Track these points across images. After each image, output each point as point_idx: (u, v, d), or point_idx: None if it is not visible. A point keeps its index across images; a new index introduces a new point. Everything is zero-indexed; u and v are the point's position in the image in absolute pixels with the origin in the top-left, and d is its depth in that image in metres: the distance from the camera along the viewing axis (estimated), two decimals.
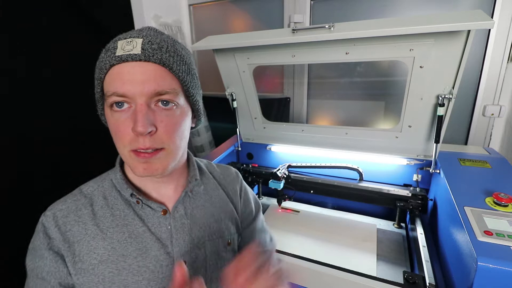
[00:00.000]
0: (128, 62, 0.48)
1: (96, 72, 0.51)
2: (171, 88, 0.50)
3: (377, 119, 1.61)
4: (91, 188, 0.59)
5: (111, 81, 0.48)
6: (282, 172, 1.21)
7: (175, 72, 0.51)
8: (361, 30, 0.85)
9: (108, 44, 0.51)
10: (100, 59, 0.50)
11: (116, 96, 0.47)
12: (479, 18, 0.75)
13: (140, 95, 0.47)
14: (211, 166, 0.73)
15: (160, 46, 0.50)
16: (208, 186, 0.66)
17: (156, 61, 0.49)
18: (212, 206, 0.65)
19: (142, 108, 0.47)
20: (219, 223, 0.64)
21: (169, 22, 1.77)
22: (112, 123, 0.50)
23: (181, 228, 0.58)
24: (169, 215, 0.58)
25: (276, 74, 1.80)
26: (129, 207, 0.56)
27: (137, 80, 0.47)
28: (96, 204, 0.56)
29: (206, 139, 1.94)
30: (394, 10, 1.43)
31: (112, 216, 0.55)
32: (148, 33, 0.51)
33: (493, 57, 1.30)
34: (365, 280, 0.73)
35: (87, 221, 0.54)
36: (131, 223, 0.55)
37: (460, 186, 0.83)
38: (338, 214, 1.25)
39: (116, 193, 0.57)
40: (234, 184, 0.72)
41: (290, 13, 1.63)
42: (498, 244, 0.59)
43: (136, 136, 0.48)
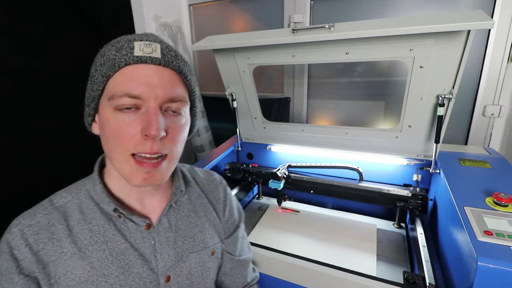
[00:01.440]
0: (147, 64, 0.47)
1: (100, 70, 0.48)
2: (183, 96, 0.51)
3: (377, 119, 1.61)
4: (63, 200, 0.53)
5: (124, 81, 0.46)
6: (282, 172, 1.21)
7: (189, 81, 0.52)
8: (361, 30, 0.85)
9: (116, 43, 0.49)
10: (107, 56, 0.47)
11: (128, 97, 0.46)
12: (479, 18, 0.75)
13: (155, 98, 0.47)
14: (194, 171, 0.71)
15: (177, 54, 0.51)
16: (192, 195, 0.65)
17: (174, 67, 0.50)
18: (196, 215, 0.63)
19: (156, 112, 0.47)
20: (203, 233, 0.62)
21: (169, 22, 1.77)
22: (114, 125, 0.47)
23: (165, 242, 0.55)
24: (153, 229, 0.55)
25: (276, 74, 1.80)
26: (110, 222, 0.52)
27: (154, 83, 0.47)
28: (72, 219, 0.51)
29: (206, 139, 1.94)
30: (394, 10, 1.43)
31: (91, 232, 0.51)
32: (160, 39, 0.51)
33: (493, 57, 1.30)
34: (365, 280, 0.73)
35: (62, 238, 0.49)
36: (111, 240, 0.51)
37: (460, 186, 0.83)
38: (338, 214, 1.25)
39: (94, 206, 0.53)
40: (218, 190, 0.70)
41: (290, 13, 1.63)
42: (498, 244, 0.59)
43: (144, 139, 0.46)
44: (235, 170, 1.33)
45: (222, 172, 1.35)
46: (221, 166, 1.35)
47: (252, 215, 1.28)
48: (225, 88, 1.29)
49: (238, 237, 0.72)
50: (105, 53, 0.48)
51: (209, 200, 0.68)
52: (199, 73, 2.08)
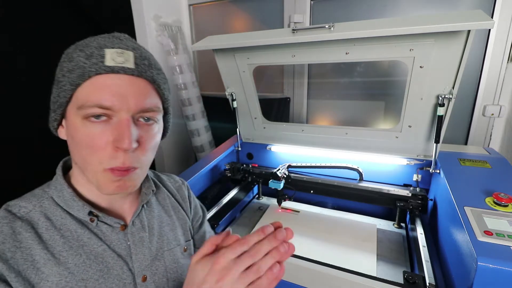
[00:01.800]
0: (118, 74, 0.45)
1: (69, 76, 0.45)
2: (156, 106, 0.50)
3: (377, 119, 1.61)
4: (24, 209, 0.49)
5: (94, 91, 0.44)
6: (282, 172, 1.21)
7: (162, 90, 0.51)
8: (361, 30, 0.85)
9: (86, 48, 0.46)
10: (76, 63, 0.45)
11: (99, 108, 0.44)
12: (479, 18, 0.75)
13: (127, 110, 0.45)
14: (157, 176, 0.72)
15: (150, 63, 0.49)
16: (159, 196, 0.66)
17: (148, 78, 0.48)
18: (166, 215, 0.64)
19: (129, 123, 0.45)
20: (174, 231, 0.64)
21: (169, 22, 1.77)
22: (83, 135, 0.45)
23: (140, 242, 0.55)
24: (127, 230, 0.55)
25: (276, 74, 1.80)
26: (83, 226, 0.50)
27: (126, 94, 0.45)
28: (39, 226, 0.48)
29: (206, 139, 1.94)
30: (394, 10, 1.43)
31: (63, 238, 0.49)
32: (133, 45, 0.49)
33: (493, 57, 1.30)
34: (365, 280, 0.73)
35: (32, 245, 0.46)
36: (87, 243, 0.50)
37: (460, 186, 0.83)
38: (338, 214, 1.25)
39: (63, 213, 0.50)
40: (182, 191, 0.72)
41: (290, 13, 1.63)
42: (498, 244, 0.59)
43: (115, 151, 0.45)
44: (235, 170, 1.33)
45: (222, 172, 1.35)
46: (221, 166, 1.35)
47: (252, 215, 1.28)
48: (225, 88, 1.29)
49: (206, 232, 0.75)
50: (73, 58, 0.46)
51: (176, 199, 0.69)
52: (199, 73, 2.08)
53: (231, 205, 1.22)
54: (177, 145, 1.99)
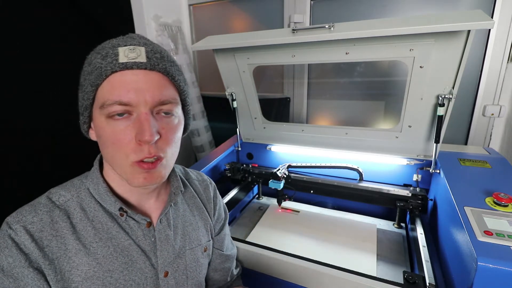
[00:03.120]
0: (132, 70, 0.47)
1: (89, 79, 0.48)
2: (173, 97, 0.51)
3: (377, 119, 1.61)
4: (63, 198, 0.53)
5: (112, 89, 0.46)
6: (282, 172, 1.21)
7: (177, 81, 0.52)
8: (361, 30, 0.85)
9: (101, 50, 0.48)
10: (94, 65, 0.47)
11: (119, 105, 0.46)
12: (479, 18, 0.75)
13: (145, 103, 0.47)
14: (186, 172, 0.73)
15: (162, 56, 0.50)
16: (186, 195, 0.68)
17: (161, 70, 0.49)
18: (191, 214, 0.66)
19: (147, 117, 0.47)
20: (196, 231, 0.66)
21: (169, 22, 1.77)
22: (109, 133, 0.47)
23: (165, 239, 0.58)
24: (153, 227, 0.57)
25: (276, 74, 1.80)
26: (112, 220, 0.53)
27: (142, 89, 0.47)
28: (74, 217, 0.52)
29: (206, 139, 1.94)
30: (394, 10, 1.43)
31: (94, 230, 0.52)
32: (145, 41, 0.50)
33: (493, 57, 1.30)
34: (365, 280, 0.73)
35: (67, 235, 0.49)
36: (115, 237, 0.53)
37: (460, 186, 0.83)
38: (338, 214, 1.25)
39: (96, 205, 0.53)
40: (208, 191, 0.74)
41: (290, 13, 1.63)
42: (498, 244, 0.59)
43: (139, 145, 0.47)
44: (235, 170, 1.33)
45: (222, 172, 1.35)
46: (221, 166, 1.35)
47: (252, 215, 1.28)
48: (225, 88, 1.29)
49: (226, 234, 0.77)
50: (91, 61, 0.48)
51: (201, 199, 0.71)
52: (199, 73, 2.08)
53: (231, 205, 1.23)
54: None
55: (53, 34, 1.46)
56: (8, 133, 1.37)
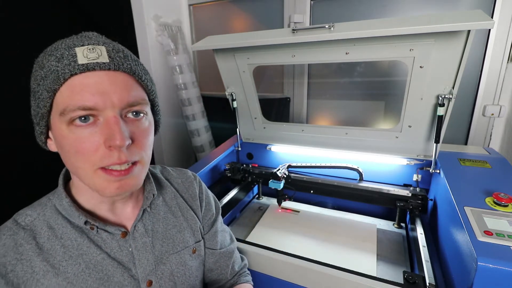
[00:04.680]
0: (95, 72, 0.43)
1: (43, 84, 0.43)
2: (142, 98, 0.48)
3: (377, 119, 1.61)
4: (29, 218, 0.50)
5: (73, 94, 0.42)
6: (282, 172, 1.21)
7: (144, 81, 0.49)
8: (361, 30, 0.85)
9: (54, 51, 0.44)
10: (48, 68, 0.43)
11: (82, 110, 0.42)
12: (479, 18, 0.75)
13: (112, 106, 0.43)
14: (166, 172, 0.70)
15: (126, 55, 0.47)
16: (166, 196, 0.64)
17: (126, 70, 0.46)
18: (173, 216, 0.63)
19: (117, 120, 0.43)
20: (182, 233, 0.62)
21: (169, 22, 1.77)
22: (72, 141, 0.43)
23: (142, 247, 0.55)
24: (129, 236, 0.54)
25: (276, 74, 1.80)
26: (82, 235, 0.50)
27: (107, 91, 0.43)
28: (41, 236, 0.49)
29: (206, 139, 1.94)
30: (394, 10, 1.43)
31: (63, 248, 0.49)
32: (104, 40, 0.47)
33: (493, 57, 1.30)
34: (365, 280, 0.73)
35: (32, 257, 0.47)
36: (86, 252, 0.50)
37: (460, 186, 0.83)
38: (338, 214, 1.25)
39: (64, 221, 0.51)
40: (193, 188, 0.70)
41: (290, 13, 1.63)
42: (498, 244, 0.59)
43: (110, 151, 0.43)
44: (235, 170, 1.33)
45: (222, 172, 1.35)
46: (221, 166, 1.35)
47: (252, 215, 1.28)
48: (225, 88, 1.29)
49: (218, 231, 0.73)
50: (44, 65, 0.44)
51: (185, 199, 0.67)
52: (199, 73, 2.08)
53: (231, 205, 1.22)
54: (177, 145, 1.99)
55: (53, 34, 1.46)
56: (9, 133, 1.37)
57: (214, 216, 0.73)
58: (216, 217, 0.73)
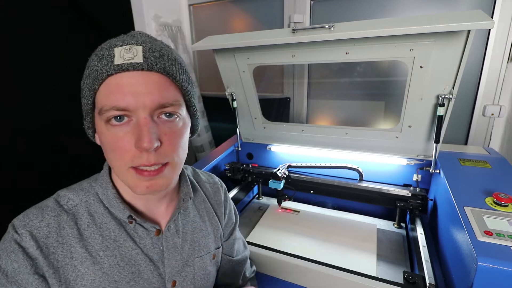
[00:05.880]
0: (129, 72, 0.44)
1: (87, 83, 0.45)
2: (175, 99, 0.47)
3: (377, 119, 1.61)
4: (71, 202, 0.51)
5: (109, 94, 0.44)
6: (282, 172, 1.21)
7: (179, 81, 0.48)
8: (361, 30, 0.85)
9: (99, 51, 0.46)
10: (91, 68, 0.45)
11: (116, 111, 0.43)
12: (479, 18, 0.75)
13: (144, 108, 0.44)
14: (196, 174, 0.70)
15: (162, 54, 0.46)
16: (196, 200, 0.65)
17: (160, 70, 0.45)
18: (201, 220, 0.63)
19: (147, 122, 0.44)
20: (206, 238, 0.63)
21: (169, 22, 1.77)
22: (109, 139, 0.45)
23: (173, 248, 0.56)
24: (162, 235, 0.55)
25: (276, 74, 1.80)
26: (121, 227, 0.51)
27: (140, 92, 0.43)
28: (82, 223, 0.50)
29: (206, 139, 1.94)
30: (394, 10, 1.43)
31: (102, 237, 0.50)
32: (145, 39, 0.47)
33: (493, 57, 1.30)
34: (365, 280, 0.73)
35: (73, 242, 0.47)
36: (123, 245, 0.51)
37: (460, 186, 0.83)
38: (338, 214, 1.25)
39: (104, 211, 0.51)
40: (219, 194, 0.70)
41: (290, 13, 1.63)
42: (498, 244, 0.59)
43: (140, 152, 0.44)
44: (235, 170, 1.33)
45: (222, 172, 1.35)
46: (221, 166, 1.35)
47: (252, 215, 1.28)
48: (225, 88, 1.29)
49: (236, 239, 0.74)
50: (89, 64, 0.46)
51: (212, 204, 0.68)
52: (199, 73, 2.08)
53: None
54: None
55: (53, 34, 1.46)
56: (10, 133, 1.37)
57: (234, 225, 0.74)
58: (235, 226, 0.75)
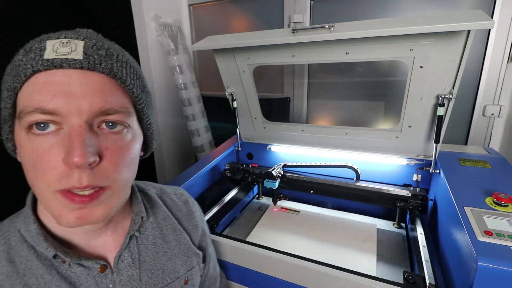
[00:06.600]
0: (62, 69, 0.36)
1: (6, 80, 0.37)
2: (122, 106, 0.39)
3: (377, 119, 1.61)
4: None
5: (32, 93, 0.35)
6: (277, 172, 1.21)
7: (129, 86, 0.40)
8: (361, 30, 0.85)
9: (28, 44, 0.38)
10: (14, 63, 0.37)
11: (40, 114, 0.34)
12: (479, 18, 0.75)
13: (79, 113, 0.35)
14: (158, 188, 0.62)
15: (110, 53, 0.39)
16: (158, 216, 0.55)
17: (105, 71, 0.38)
18: (164, 241, 0.54)
19: (81, 131, 0.35)
20: (172, 261, 0.53)
21: (169, 22, 1.77)
22: (29, 152, 0.36)
23: (128, 282, 0.46)
24: (110, 270, 0.45)
25: (276, 74, 1.80)
26: (51, 270, 0.41)
27: (74, 93, 0.35)
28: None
29: (206, 139, 1.94)
30: (394, 10, 1.43)
31: (26, 287, 0.40)
32: (89, 34, 0.39)
33: (493, 57, 1.30)
34: (365, 280, 0.73)
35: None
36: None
37: (460, 186, 0.83)
38: (338, 214, 1.25)
39: (29, 253, 0.41)
40: (189, 205, 0.62)
41: (290, 13, 1.63)
42: (498, 244, 0.59)
43: (69, 169, 0.35)
44: (235, 170, 1.33)
45: (222, 172, 1.35)
46: (221, 166, 1.35)
47: (252, 215, 1.28)
48: (225, 88, 1.29)
49: (211, 255, 0.69)
50: (14, 58, 0.38)
51: (178, 218, 0.59)
52: (199, 73, 2.08)
53: (231, 205, 1.22)
54: (177, 145, 1.99)
55: None
56: None
57: (205, 236, 0.67)
58: (207, 238, 0.68)
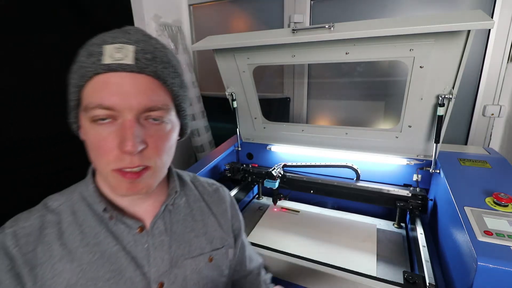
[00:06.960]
0: (117, 72, 0.43)
1: (73, 78, 0.45)
2: (164, 103, 0.47)
3: (377, 119, 1.61)
4: (57, 202, 0.52)
5: (95, 91, 0.43)
6: (277, 172, 1.21)
7: (169, 86, 0.48)
8: (361, 30, 0.85)
9: (89, 46, 0.45)
10: (79, 63, 0.44)
11: (101, 109, 0.42)
12: (479, 18, 0.75)
13: (130, 109, 0.43)
14: (196, 178, 0.69)
15: (154, 56, 0.46)
16: (189, 198, 0.62)
17: (150, 73, 0.45)
18: (192, 219, 0.60)
19: (132, 125, 0.43)
20: (198, 239, 0.59)
21: (169, 22, 1.77)
22: (92, 137, 0.45)
23: (159, 246, 0.53)
24: (146, 232, 0.53)
25: (276, 74, 1.80)
26: (101, 224, 0.50)
27: (127, 93, 0.43)
28: (64, 221, 0.50)
29: (206, 139, 1.94)
30: (394, 10, 1.43)
31: (82, 234, 0.49)
32: (138, 37, 0.46)
33: (493, 57, 1.30)
34: (365, 280, 0.73)
35: (53, 241, 0.48)
36: (102, 242, 0.49)
37: (460, 186, 0.83)
38: (338, 214, 1.25)
39: (86, 208, 0.51)
40: (219, 193, 0.68)
41: (290, 13, 1.63)
42: (498, 244, 0.59)
43: (123, 153, 0.43)
44: (235, 170, 1.33)
45: (222, 172, 1.35)
46: (221, 166, 1.35)
47: (252, 215, 1.28)
48: (225, 88, 1.29)
49: (245, 245, 0.71)
50: (78, 58, 0.45)
51: (207, 204, 0.65)
52: (199, 73, 2.08)
53: None
54: (177, 145, 1.99)
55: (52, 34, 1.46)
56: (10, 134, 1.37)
57: (239, 230, 0.70)
58: (240, 232, 0.70)
